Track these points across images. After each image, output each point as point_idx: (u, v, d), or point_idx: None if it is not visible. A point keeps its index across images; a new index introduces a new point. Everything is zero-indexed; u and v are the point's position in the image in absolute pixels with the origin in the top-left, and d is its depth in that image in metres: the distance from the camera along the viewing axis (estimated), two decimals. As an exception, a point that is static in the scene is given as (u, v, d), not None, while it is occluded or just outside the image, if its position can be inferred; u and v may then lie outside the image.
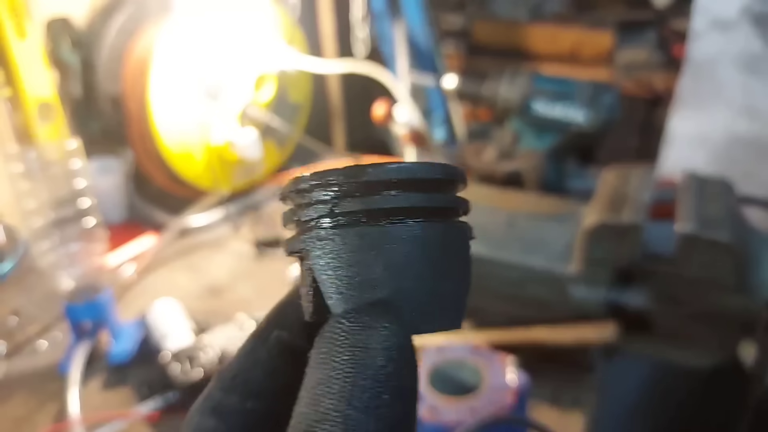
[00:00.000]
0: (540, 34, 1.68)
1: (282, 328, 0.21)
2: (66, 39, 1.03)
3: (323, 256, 0.18)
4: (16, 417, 0.70)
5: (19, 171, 0.74)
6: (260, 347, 0.21)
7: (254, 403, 0.20)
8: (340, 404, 0.15)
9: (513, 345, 0.70)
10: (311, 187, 0.18)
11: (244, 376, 0.20)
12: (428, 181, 0.18)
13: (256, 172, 1.25)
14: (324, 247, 0.18)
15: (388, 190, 0.18)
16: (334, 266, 0.18)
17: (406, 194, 0.18)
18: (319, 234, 0.18)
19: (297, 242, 0.19)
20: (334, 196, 0.18)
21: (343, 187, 0.18)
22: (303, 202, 0.19)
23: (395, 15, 1.10)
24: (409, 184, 0.18)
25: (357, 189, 0.18)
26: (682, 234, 0.61)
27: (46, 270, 0.78)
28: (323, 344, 0.17)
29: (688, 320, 0.63)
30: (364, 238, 0.18)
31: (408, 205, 0.18)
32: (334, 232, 0.18)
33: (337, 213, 0.18)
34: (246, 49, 1.15)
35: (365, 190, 0.18)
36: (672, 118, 1.15)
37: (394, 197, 0.18)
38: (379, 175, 0.18)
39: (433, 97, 1.17)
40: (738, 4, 1.03)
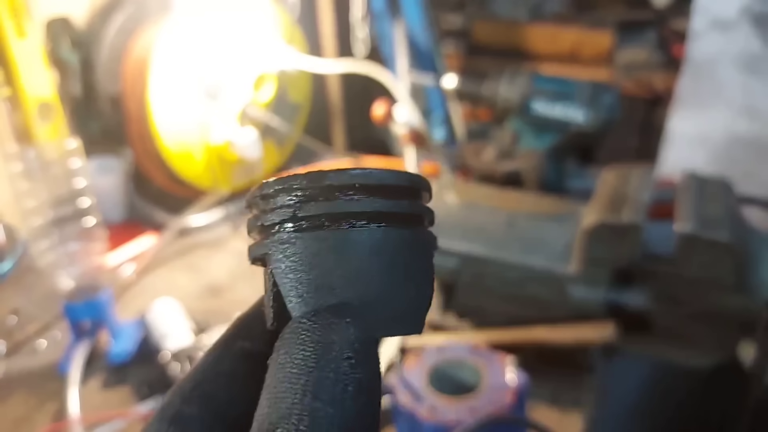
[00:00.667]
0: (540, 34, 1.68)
1: (246, 338, 0.21)
2: (66, 39, 1.03)
3: (284, 259, 0.18)
4: (15, 416, 0.70)
5: (18, 170, 0.74)
6: (224, 357, 0.20)
7: (214, 415, 0.19)
8: (304, 398, 0.15)
9: (513, 345, 0.69)
10: (275, 192, 0.18)
11: (206, 387, 0.20)
12: (392, 187, 0.18)
13: (255, 172, 1.25)
14: (285, 251, 0.18)
15: (350, 195, 0.18)
16: (294, 269, 0.18)
17: (369, 199, 0.18)
18: (281, 238, 0.18)
19: (259, 247, 0.19)
20: (297, 200, 0.18)
21: (306, 192, 0.18)
22: (267, 207, 0.19)
23: (395, 15, 1.10)
24: (373, 190, 0.18)
25: (320, 193, 0.18)
26: (681, 234, 0.61)
27: (45, 269, 0.78)
28: (283, 346, 0.16)
29: (687, 320, 0.63)
30: (324, 242, 0.18)
31: (370, 209, 0.18)
32: (295, 236, 0.18)
33: (299, 217, 0.18)
34: (246, 49, 1.15)
35: (328, 194, 0.18)
36: (672, 118, 1.15)
37: (356, 202, 0.18)
38: (342, 180, 0.18)
39: (433, 97, 1.17)
40: (738, 4, 1.03)
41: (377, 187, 0.18)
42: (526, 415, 0.61)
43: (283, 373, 0.16)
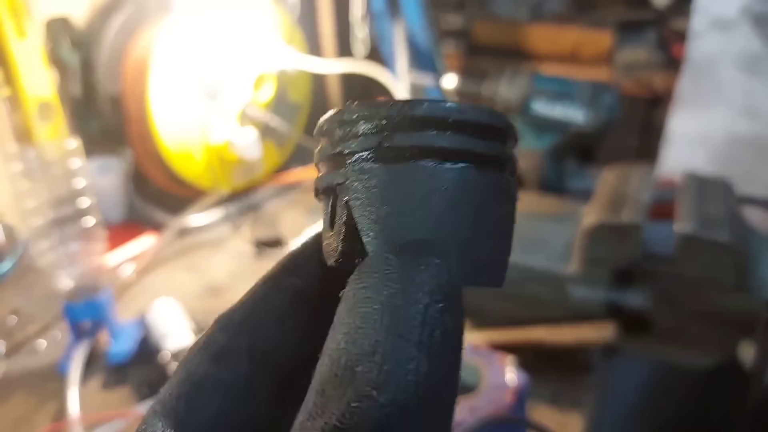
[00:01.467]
0: (540, 34, 1.67)
1: (298, 275, 0.19)
2: (66, 39, 1.03)
3: (365, 190, 0.17)
4: (15, 416, 0.70)
5: (18, 170, 0.74)
6: (273, 293, 0.19)
7: (263, 351, 0.18)
8: (390, 336, 0.13)
9: (513, 345, 0.69)
10: (358, 118, 0.17)
11: (254, 322, 0.18)
12: (487, 126, 0.17)
13: (255, 172, 1.25)
14: (369, 181, 0.17)
15: (443, 130, 0.16)
16: (376, 203, 0.16)
17: (462, 136, 0.17)
18: (363, 167, 0.17)
19: (335, 175, 0.17)
20: (383, 129, 0.16)
21: (394, 121, 0.16)
22: (347, 134, 0.17)
23: (395, 15, 1.10)
24: (467, 127, 0.17)
25: (409, 124, 0.16)
26: (681, 234, 0.61)
27: (45, 269, 0.78)
28: (362, 279, 0.15)
29: (687, 320, 0.63)
30: (412, 176, 0.16)
31: (463, 147, 0.17)
32: (380, 167, 0.16)
33: (385, 147, 0.16)
34: (246, 49, 1.15)
35: (418, 125, 0.16)
36: (672, 118, 1.15)
37: (447, 137, 0.16)
38: (435, 112, 0.16)
39: (433, 97, 1.17)
40: (738, 4, 1.03)
41: (472, 124, 0.17)
42: (526, 415, 0.61)
43: (364, 309, 0.14)
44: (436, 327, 0.14)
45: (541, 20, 1.74)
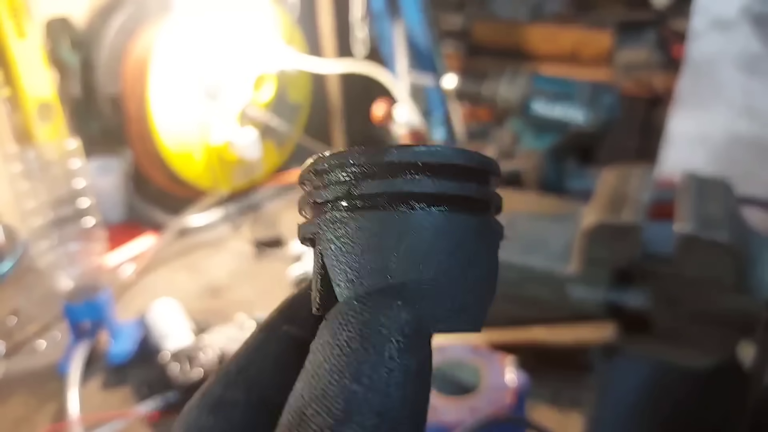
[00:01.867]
0: (540, 34, 1.68)
1: (292, 322, 0.20)
2: (66, 39, 1.03)
3: (335, 240, 0.17)
4: (15, 417, 0.70)
5: (18, 171, 0.74)
6: (269, 342, 0.19)
7: (259, 401, 0.18)
8: (342, 380, 0.13)
9: (512, 345, 0.69)
10: (330, 167, 0.17)
11: (250, 372, 0.19)
12: (459, 167, 0.17)
13: (255, 172, 1.25)
14: (336, 231, 0.17)
15: (412, 174, 0.16)
16: (345, 252, 0.16)
17: (433, 179, 0.16)
18: (333, 216, 0.17)
19: (309, 226, 0.18)
20: (353, 177, 0.16)
21: (363, 168, 0.16)
22: (320, 183, 0.17)
23: (395, 15, 1.10)
24: (438, 169, 0.16)
25: (379, 170, 0.16)
26: (681, 234, 0.61)
27: (45, 270, 0.78)
28: (326, 327, 0.15)
29: (687, 320, 0.63)
30: (381, 224, 0.16)
31: (434, 191, 0.16)
32: (349, 215, 0.16)
33: (354, 195, 0.16)
34: (246, 49, 1.15)
35: (387, 171, 0.16)
36: (672, 118, 1.15)
37: (418, 181, 0.16)
38: (404, 157, 0.16)
39: (433, 97, 1.17)
40: (737, 4, 1.03)
41: (443, 166, 0.16)
42: (526, 415, 0.61)
43: (323, 354, 0.14)
44: (395, 369, 0.14)
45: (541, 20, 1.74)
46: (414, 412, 0.14)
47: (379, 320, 0.14)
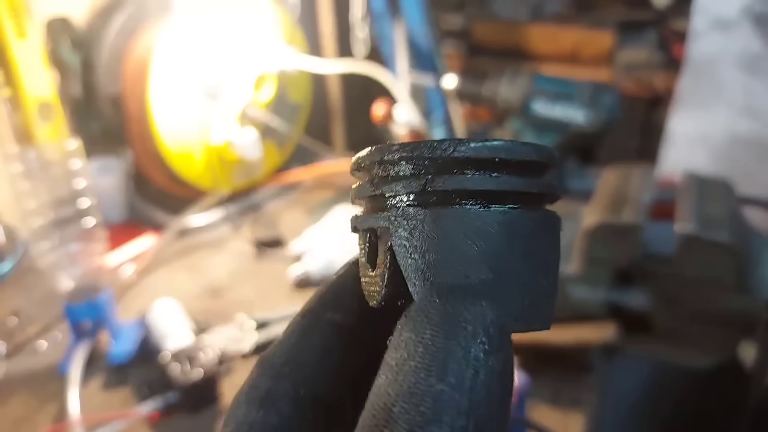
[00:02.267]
0: (540, 34, 1.67)
1: (336, 310, 0.19)
2: (66, 39, 1.03)
3: (409, 237, 0.16)
4: (15, 417, 0.70)
5: (18, 171, 0.74)
6: (312, 330, 0.19)
7: (307, 391, 0.18)
8: (429, 379, 0.13)
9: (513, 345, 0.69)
10: (399, 159, 0.16)
11: (296, 362, 0.18)
12: (533, 163, 0.17)
13: (255, 172, 1.25)
14: (411, 227, 0.16)
15: (488, 171, 0.16)
16: (420, 249, 0.16)
17: (508, 176, 0.16)
18: (407, 212, 0.16)
19: (377, 218, 0.17)
20: (425, 171, 0.16)
21: (437, 162, 0.16)
22: (387, 175, 0.17)
23: (395, 15, 1.10)
24: (511, 166, 0.16)
25: (453, 166, 0.16)
26: (682, 234, 0.61)
27: (45, 270, 0.78)
28: (408, 324, 0.15)
29: (688, 320, 0.63)
30: (457, 221, 0.16)
31: (509, 188, 0.16)
32: (424, 211, 0.16)
33: (429, 191, 0.16)
34: (246, 49, 1.15)
35: (463, 167, 0.16)
36: (672, 118, 1.15)
37: (494, 179, 0.16)
38: (480, 153, 0.16)
39: (433, 97, 1.17)
40: (738, 4, 1.03)
41: (518, 163, 0.16)
42: (526, 415, 0.61)
43: (408, 351, 0.14)
44: (480, 369, 0.14)
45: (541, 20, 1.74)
46: (499, 412, 0.14)
47: (464, 318, 0.14)
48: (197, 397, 0.69)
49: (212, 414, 0.69)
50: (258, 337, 0.79)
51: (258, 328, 0.82)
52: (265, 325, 0.82)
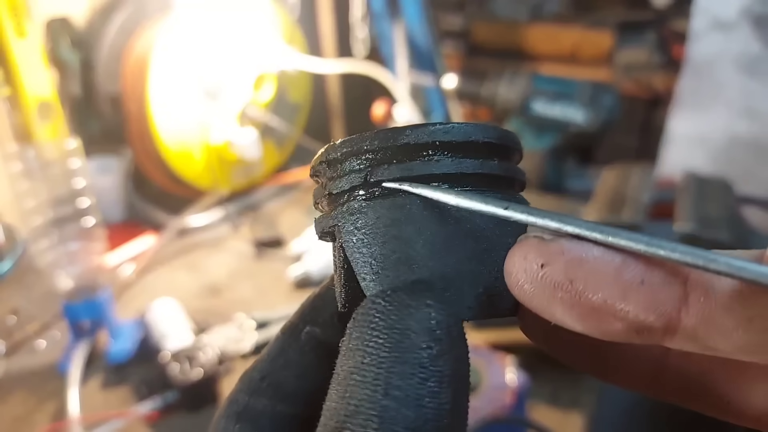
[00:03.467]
0: (540, 34, 1.68)
1: (314, 324, 0.19)
2: (66, 39, 1.03)
3: (355, 231, 0.16)
4: (14, 416, 0.70)
5: (18, 170, 0.74)
6: (291, 345, 0.19)
7: (285, 407, 0.18)
8: (374, 395, 0.13)
9: (513, 345, 0.69)
10: (343, 156, 0.16)
11: (274, 378, 0.18)
12: (479, 144, 0.15)
13: (255, 172, 1.25)
14: (356, 222, 0.16)
15: (429, 155, 0.15)
16: (367, 243, 0.15)
17: (451, 159, 0.15)
18: (351, 207, 0.16)
19: (326, 219, 0.17)
20: (368, 163, 0.15)
21: (377, 153, 0.15)
22: (334, 173, 0.16)
23: (395, 15, 1.10)
24: (456, 148, 0.15)
25: (394, 154, 0.15)
26: (682, 234, 0.61)
27: (44, 269, 0.77)
28: (355, 329, 0.14)
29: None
30: (401, 210, 0.15)
31: (453, 171, 0.15)
32: (367, 204, 0.15)
33: (371, 182, 0.15)
34: (246, 49, 1.15)
35: (403, 155, 0.15)
36: (672, 119, 1.16)
37: (437, 163, 0.15)
38: (419, 137, 0.15)
39: (433, 97, 1.17)
40: (737, 5, 1.04)
41: (461, 144, 0.15)
42: (526, 415, 0.61)
43: (354, 363, 0.14)
44: (428, 377, 0.13)
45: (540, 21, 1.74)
46: (453, 417, 0.13)
47: (407, 324, 0.14)
48: (196, 397, 0.69)
49: (211, 414, 0.69)
50: (257, 337, 0.79)
51: (257, 327, 0.82)
52: (265, 325, 0.82)
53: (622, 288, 0.13)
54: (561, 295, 0.13)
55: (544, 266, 0.13)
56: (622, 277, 0.13)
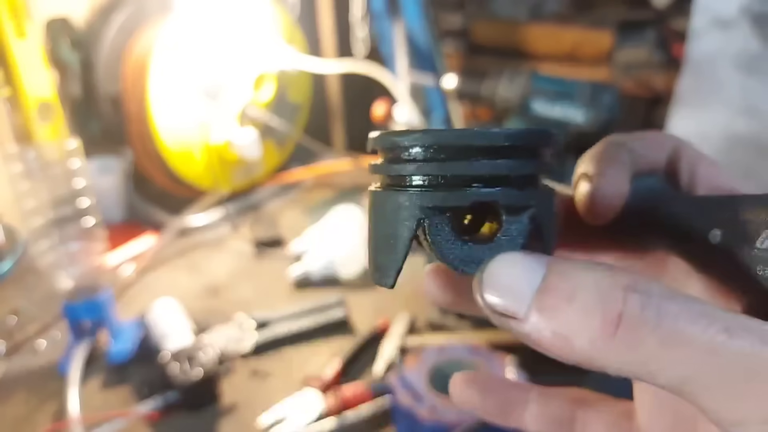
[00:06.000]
0: (540, 33, 1.68)
1: None
2: (66, 39, 1.03)
3: (547, 207, 0.22)
4: (15, 416, 0.70)
5: (18, 171, 0.74)
6: None
7: None
8: None
9: (513, 345, 0.70)
10: (541, 143, 0.22)
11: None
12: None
13: (255, 172, 1.25)
14: (551, 199, 0.22)
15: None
16: (551, 217, 0.22)
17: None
18: (545, 190, 0.22)
19: (522, 196, 0.21)
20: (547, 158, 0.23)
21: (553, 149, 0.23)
22: (544, 157, 0.23)
23: (395, 15, 1.10)
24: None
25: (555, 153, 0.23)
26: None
27: (45, 269, 0.78)
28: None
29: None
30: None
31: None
32: (547, 189, 0.22)
33: (544, 172, 0.23)
34: (246, 49, 1.15)
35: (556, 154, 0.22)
36: (671, 118, 1.16)
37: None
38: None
39: (433, 97, 1.17)
40: (737, 3, 1.04)
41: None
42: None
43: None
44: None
45: (540, 20, 1.74)
46: None
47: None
48: (197, 397, 0.69)
49: (212, 414, 0.69)
50: (258, 337, 0.79)
51: (257, 327, 0.82)
52: (265, 325, 0.82)
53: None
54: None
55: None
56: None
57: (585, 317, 0.17)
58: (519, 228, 0.21)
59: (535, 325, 0.18)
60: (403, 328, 0.80)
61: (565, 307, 0.17)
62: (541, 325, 0.18)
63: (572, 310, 0.17)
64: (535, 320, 0.18)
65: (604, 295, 0.17)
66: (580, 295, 0.17)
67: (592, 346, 0.17)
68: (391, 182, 0.22)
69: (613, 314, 0.17)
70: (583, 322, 0.17)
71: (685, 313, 0.16)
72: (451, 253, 0.20)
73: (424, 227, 0.20)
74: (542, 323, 0.18)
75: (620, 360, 0.17)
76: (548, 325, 0.18)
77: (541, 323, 0.18)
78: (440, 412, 0.56)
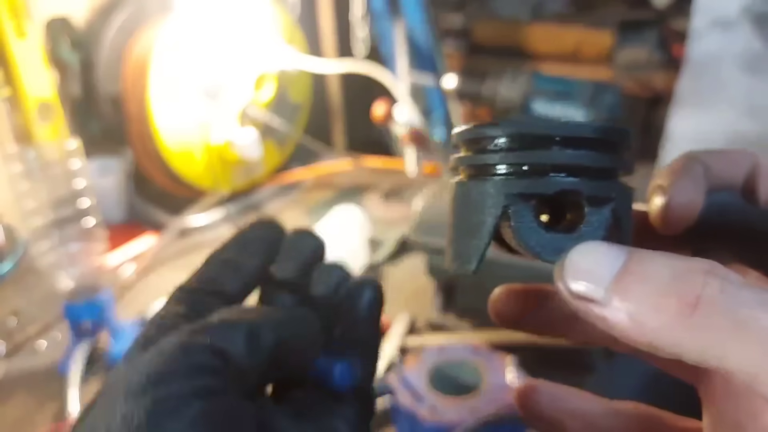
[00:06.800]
0: (540, 33, 1.67)
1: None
2: (66, 39, 1.03)
3: (625, 201, 0.22)
4: (15, 417, 0.70)
5: (18, 171, 0.74)
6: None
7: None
8: None
9: (513, 345, 0.69)
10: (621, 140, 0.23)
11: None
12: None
13: (256, 172, 1.25)
14: (628, 193, 0.23)
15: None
16: (627, 211, 0.22)
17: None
18: (624, 184, 0.22)
19: (606, 187, 0.22)
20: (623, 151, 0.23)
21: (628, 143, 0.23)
22: (613, 154, 0.22)
23: (395, 15, 1.10)
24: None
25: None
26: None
27: (45, 270, 0.78)
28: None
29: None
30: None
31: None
32: (624, 184, 0.22)
33: (624, 169, 0.23)
34: (246, 49, 1.15)
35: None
36: (672, 118, 1.15)
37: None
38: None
39: (433, 97, 1.17)
40: (738, 3, 1.03)
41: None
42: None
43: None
44: None
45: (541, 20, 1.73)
46: None
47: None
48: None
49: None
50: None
51: (258, 327, 0.81)
52: (265, 325, 0.82)
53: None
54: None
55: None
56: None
57: (662, 298, 0.18)
58: (600, 220, 0.21)
59: (612, 307, 0.18)
60: (403, 328, 0.80)
61: (641, 289, 0.18)
62: (619, 307, 0.18)
63: (649, 291, 0.18)
64: (613, 303, 0.18)
65: (683, 278, 0.18)
66: (658, 277, 0.18)
67: (668, 327, 0.17)
68: (476, 172, 0.23)
69: (691, 296, 0.17)
70: (660, 302, 0.18)
71: (764, 302, 0.17)
72: (534, 240, 0.21)
73: (508, 214, 0.21)
74: (620, 305, 0.18)
75: (693, 342, 0.17)
76: (625, 306, 0.18)
77: (618, 305, 0.18)
78: (440, 412, 0.56)
